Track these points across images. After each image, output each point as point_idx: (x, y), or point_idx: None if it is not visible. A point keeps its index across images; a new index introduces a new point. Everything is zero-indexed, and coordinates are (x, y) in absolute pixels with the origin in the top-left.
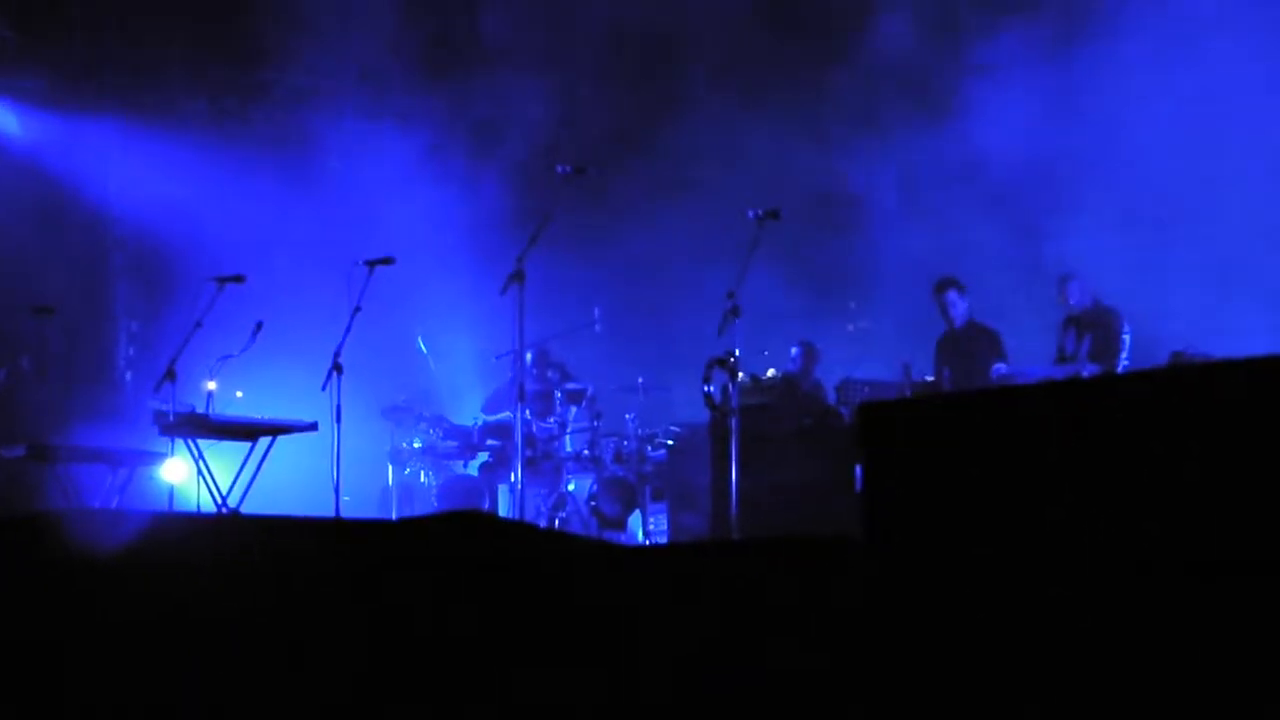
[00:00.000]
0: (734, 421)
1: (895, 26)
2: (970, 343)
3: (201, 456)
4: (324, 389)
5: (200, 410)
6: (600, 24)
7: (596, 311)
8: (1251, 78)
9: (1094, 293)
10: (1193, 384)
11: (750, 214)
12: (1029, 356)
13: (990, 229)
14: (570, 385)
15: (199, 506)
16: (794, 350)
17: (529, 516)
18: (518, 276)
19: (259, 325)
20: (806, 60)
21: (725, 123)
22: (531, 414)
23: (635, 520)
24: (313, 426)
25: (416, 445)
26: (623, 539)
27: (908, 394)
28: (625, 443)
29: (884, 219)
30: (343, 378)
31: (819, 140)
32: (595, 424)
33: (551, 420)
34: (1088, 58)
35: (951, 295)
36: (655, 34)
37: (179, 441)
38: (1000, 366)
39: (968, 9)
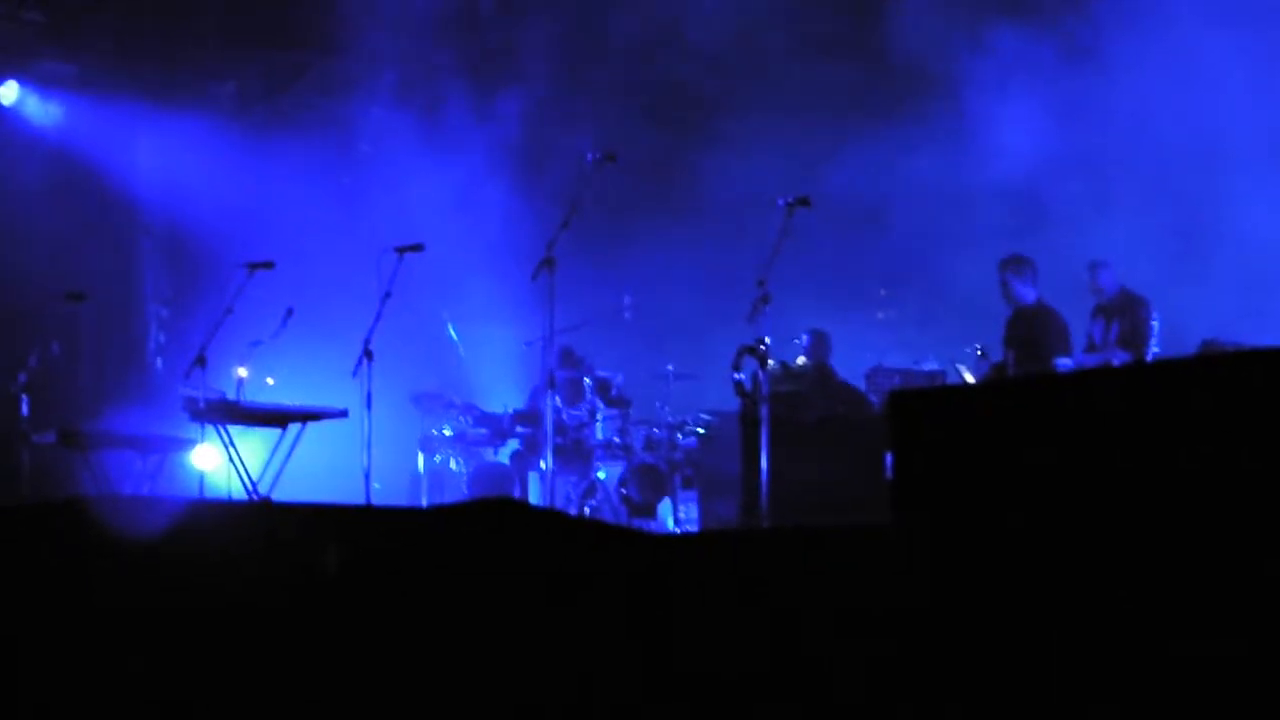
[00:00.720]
0: (764, 409)
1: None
2: (1031, 326)
3: (232, 443)
4: (354, 375)
5: (231, 397)
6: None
7: (626, 299)
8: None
9: (1122, 281)
10: (1226, 372)
11: (780, 201)
12: None
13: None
14: (600, 374)
15: (229, 493)
16: (804, 338)
17: (559, 504)
18: (548, 263)
19: (289, 311)
20: (832, 52)
21: (755, 111)
22: (562, 401)
23: (665, 508)
24: (343, 413)
25: (447, 432)
26: (653, 527)
27: (981, 376)
28: (655, 430)
29: (919, 210)
30: (373, 364)
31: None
32: (626, 411)
33: (582, 407)
34: (1113, 51)
35: (1008, 275)
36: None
37: (209, 428)
38: (1064, 362)
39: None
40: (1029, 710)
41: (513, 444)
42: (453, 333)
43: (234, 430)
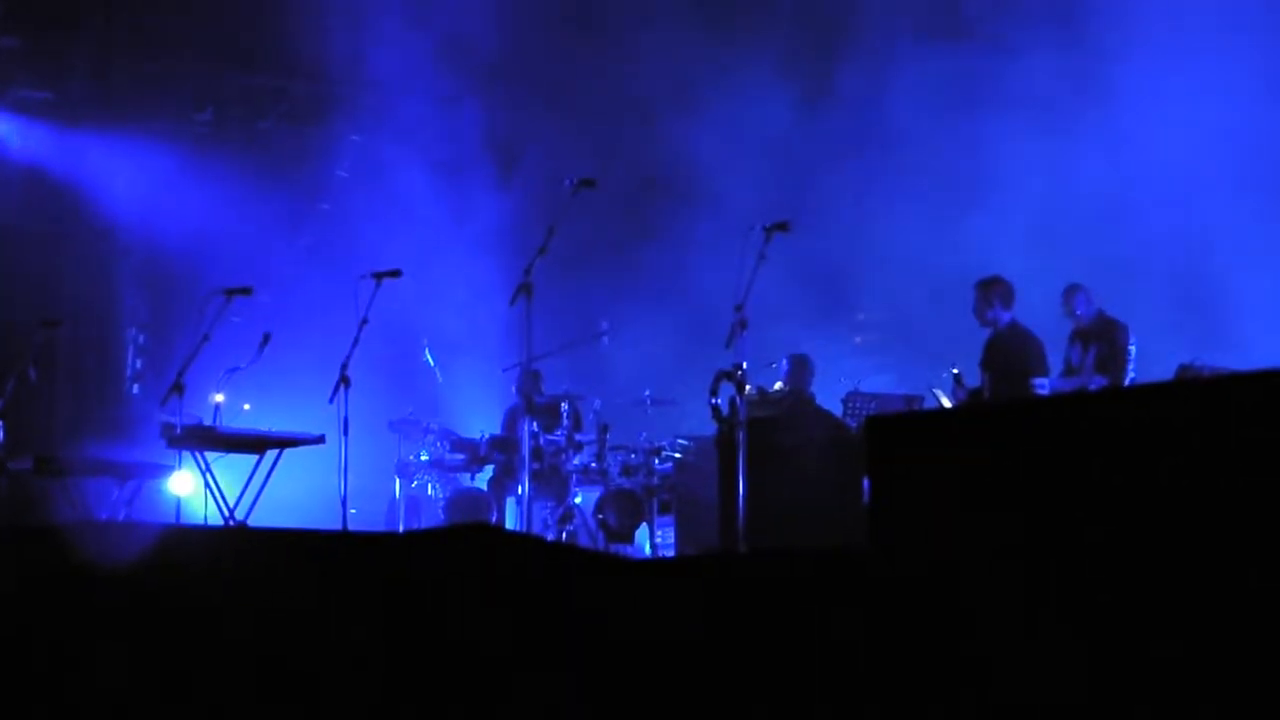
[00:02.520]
0: (741, 434)
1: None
2: (1007, 349)
3: (209, 469)
4: (331, 401)
5: (207, 423)
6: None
7: (604, 324)
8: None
9: (1099, 305)
10: (1203, 396)
11: (758, 226)
12: None
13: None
14: (551, 395)
15: (206, 519)
16: (783, 363)
17: (536, 529)
18: (526, 289)
19: (266, 337)
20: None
21: (733, 134)
22: (539, 427)
23: (642, 533)
24: (319, 439)
25: (424, 458)
26: (630, 552)
27: (957, 401)
28: (632, 455)
29: (897, 231)
30: (350, 390)
31: (825, 153)
32: (603, 437)
33: (559, 433)
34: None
35: (983, 296)
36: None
37: (186, 454)
38: (1040, 383)
39: (984, 26)
40: None
41: (490, 469)
42: (430, 358)
43: (211, 456)
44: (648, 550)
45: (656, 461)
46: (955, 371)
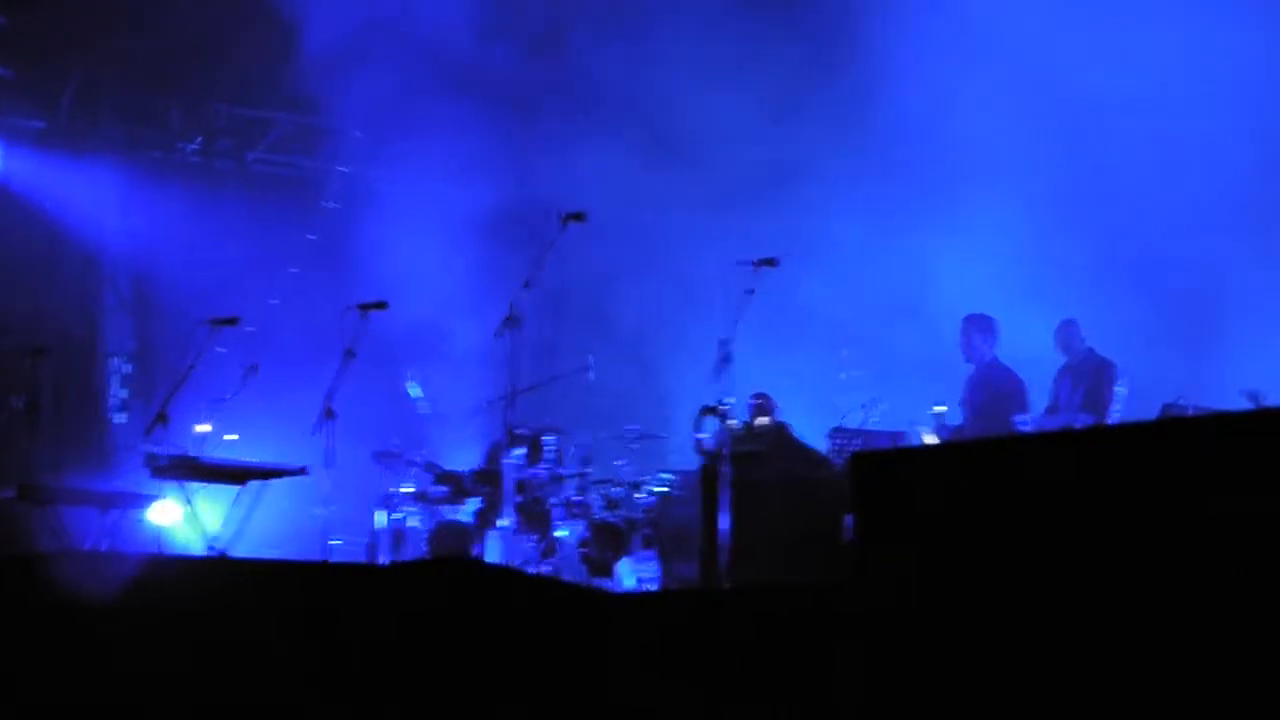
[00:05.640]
0: (725, 469)
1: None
2: (987, 386)
3: (191, 499)
4: (315, 433)
5: (191, 453)
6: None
7: (590, 358)
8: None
9: (1088, 343)
10: (1185, 436)
11: (746, 261)
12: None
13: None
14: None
15: (188, 549)
16: (748, 402)
17: (518, 563)
18: (512, 321)
19: (252, 368)
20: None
21: (719, 167)
22: (522, 460)
23: (625, 567)
24: (303, 470)
25: (407, 490)
26: (612, 586)
27: (943, 438)
28: (616, 489)
29: (873, 265)
30: (335, 421)
31: (814, 186)
32: (586, 470)
33: (543, 466)
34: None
35: (971, 330)
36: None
37: (169, 484)
38: (1022, 419)
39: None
40: None
41: (473, 502)
42: (415, 390)
43: (194, 486)
44: (630, 584)
45: (640, 495)
46: (940, 409)
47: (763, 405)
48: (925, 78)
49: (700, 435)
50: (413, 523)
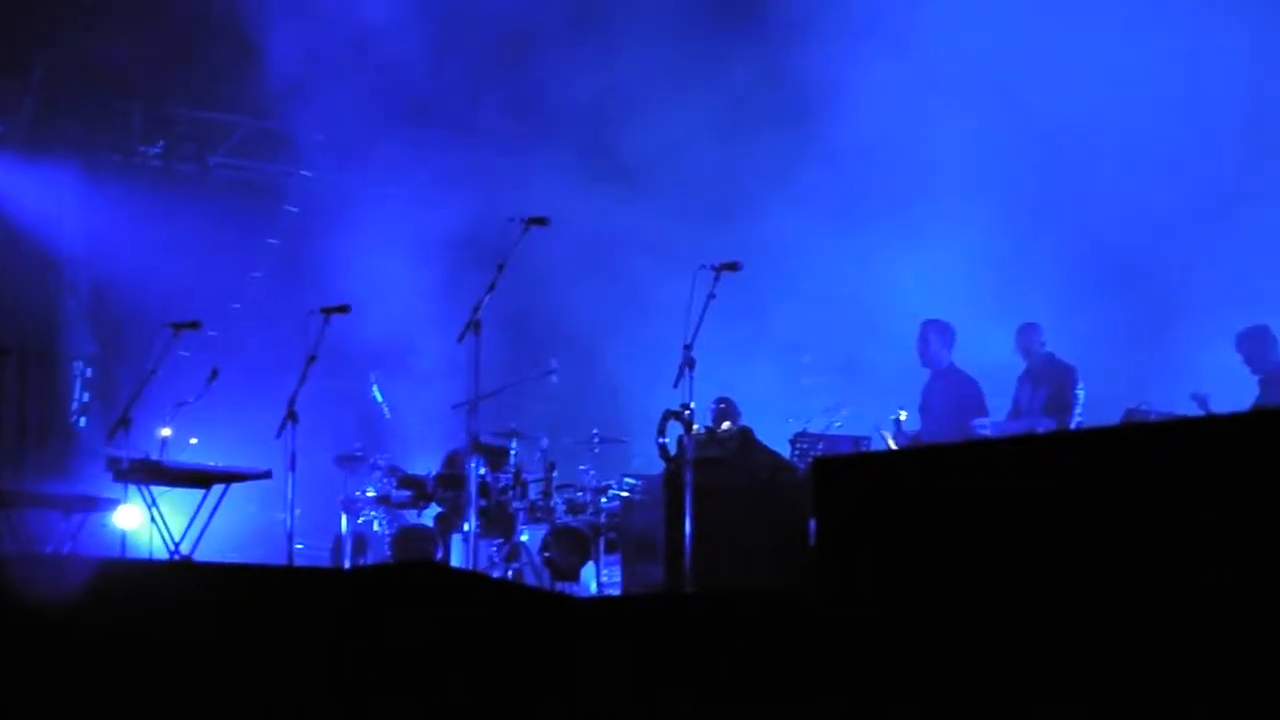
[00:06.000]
0: (689, 474)
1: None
2: (945, 391)
3: (155, 503)
4: (278, 437)
5: (154, 457)
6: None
7: (553, 362)
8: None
9: (1049, 347)
10: (1148, 441)
11: (708, 266)
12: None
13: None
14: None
15: (151, 553)
16: (710, 407)
17: (482, 567)
18: (474, 325)
19: (214, 372)
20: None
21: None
22: (485, 465)
23: (588, 572)
24: (266, 474)
25: (371, 494)
26: (576, 590)
27: (904, 442)
28: (579, 494)
29: (831, 269)
30: (298, 425)
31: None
32: (549, 475)
33: (507, 471)
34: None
35: (930, 334)
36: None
37: (132, 488)
38: (980, 424)
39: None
40: None
41: (436, 507)
42: (378, 394)
43: (157, 490)
44: (594, 589)
45: (603, 500)
46: (901, 414)
47: (726, 410)
48: (887, 88)
49: (663, 440)
50: (376, 527)
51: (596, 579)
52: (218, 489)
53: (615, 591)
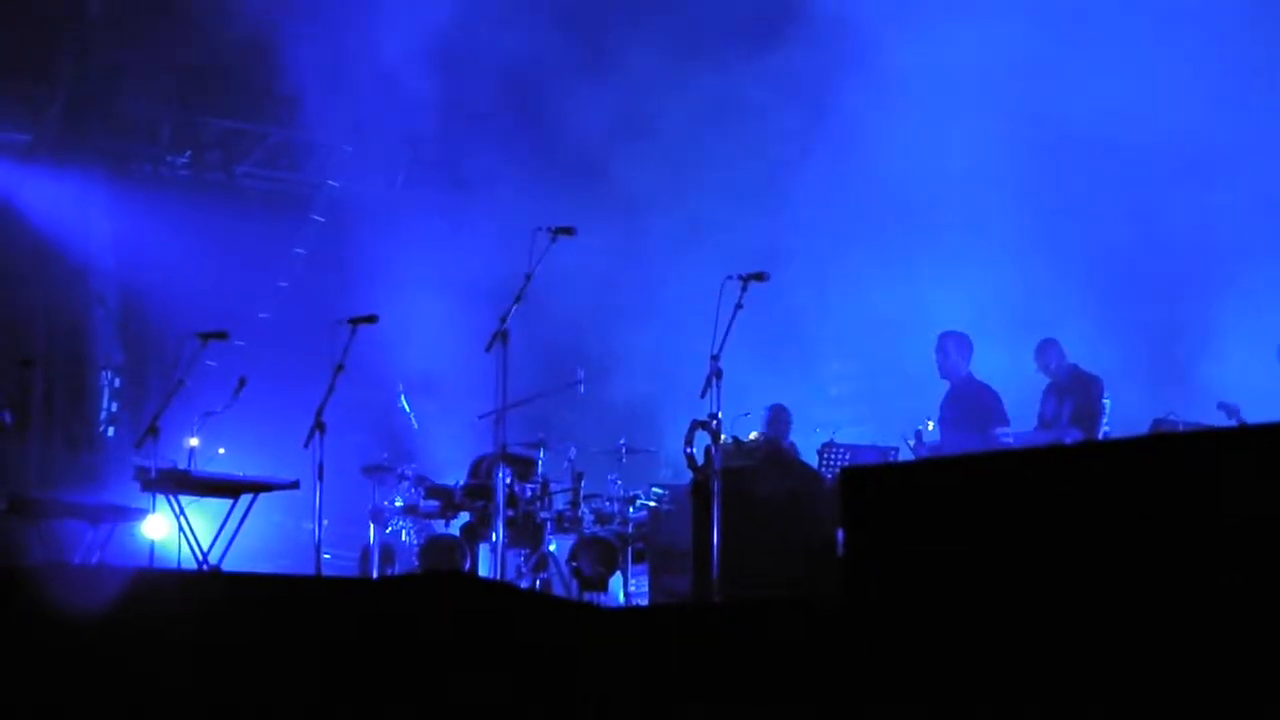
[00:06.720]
0: (716, 484)
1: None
2: (963, 403)
3: (183, 513)
4: (306, 447)
5: (182, 466)
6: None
7: (581, 372)
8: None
9: (1072, 360)
10: (1178, 451)
11: (735, 276)
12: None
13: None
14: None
15: (180, 563)
16: (764, 413)
17: (510, 577)
18: (502, 335)
19: (242, 381)
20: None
21: (706, 185)
22: (513, 474)
23: (616, 582)
24: (294, 484)
25: (398, 504)
26: (604, 600)
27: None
28: (607, 504)
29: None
30: (326, 435)
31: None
32: (577, 485)
33: (534, 481)
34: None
35: (949, 346)
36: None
37: (160, 498)
38: (1004, 433)
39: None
40: None
41: (464, 516)
42: (405, 404)
43: (185, 500)
44: (621, 599)
45: (631, 510)
46: (929, 424)
47: (778, 416)
48: (911, 112)
49: (690, 450)
50: (404, 537)
51: (624, 589)
52: (246, 499)
53: (643, 601)
